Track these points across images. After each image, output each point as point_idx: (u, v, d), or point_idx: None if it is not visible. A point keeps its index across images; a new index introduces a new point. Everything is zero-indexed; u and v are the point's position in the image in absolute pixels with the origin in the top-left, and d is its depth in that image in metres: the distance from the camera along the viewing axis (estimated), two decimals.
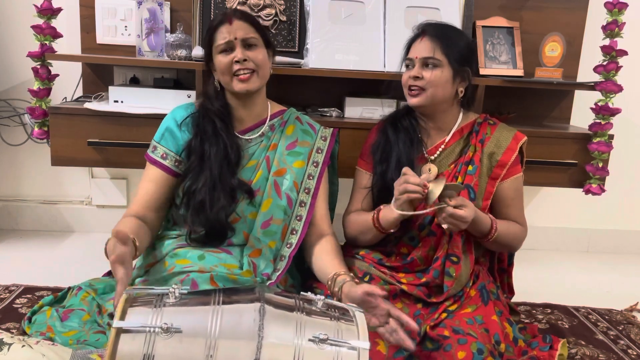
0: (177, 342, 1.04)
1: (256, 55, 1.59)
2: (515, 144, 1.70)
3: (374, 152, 1.73)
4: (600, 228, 2.87)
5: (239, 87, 1.58)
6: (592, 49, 2.31)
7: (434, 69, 1.62)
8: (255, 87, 1.60)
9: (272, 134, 1.69)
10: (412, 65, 1.66)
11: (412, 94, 1.65)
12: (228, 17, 1.59)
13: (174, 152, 1.62)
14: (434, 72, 1.62)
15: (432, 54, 1.62)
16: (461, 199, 1.52)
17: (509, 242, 1.69)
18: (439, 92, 1.64)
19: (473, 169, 1.65)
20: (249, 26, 1.60)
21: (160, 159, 1.61)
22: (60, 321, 1.62)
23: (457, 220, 1.50)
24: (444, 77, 1.63)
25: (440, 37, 1.64)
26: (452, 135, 1.71)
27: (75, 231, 2.72)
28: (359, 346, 1.10)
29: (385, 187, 1.66)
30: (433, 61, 1.62)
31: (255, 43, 1.60)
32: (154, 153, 1.63)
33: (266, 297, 1.13)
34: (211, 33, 1.60)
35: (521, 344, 1.62)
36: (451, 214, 1.49)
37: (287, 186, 1.64)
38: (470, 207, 1.52)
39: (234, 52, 1.57)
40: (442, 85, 1.64)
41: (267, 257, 1.59)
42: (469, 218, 1.50)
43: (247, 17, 1.62)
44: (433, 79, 1.62)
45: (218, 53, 1.59)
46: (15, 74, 2.52)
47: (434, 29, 1.67)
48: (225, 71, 1.58)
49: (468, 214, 1.49)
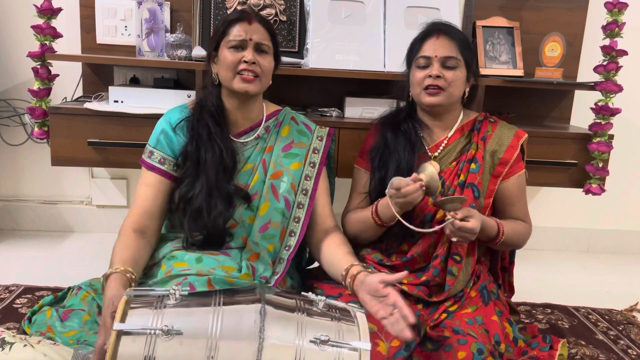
0: (178, 343, 1.03)
1: (265, 62, 1.58)
2: (516, 141, 1.70)
3: (373, 157, 1.72)
4: (600, 228, 2.87)
5: (239, 85, 1.56)
6: (592, 49, 2.32)
7: (454, 69, 1.62)
8: (255, 91, 1.58)
9: (268, 136, 1.67)
10: (428, 64, 1.63)
11: (431, 92, 1.63)
12: (248, 16, 1.58)
13: (172, 156, 1.59)
14: (454, 72, 1.62)
15: (454, 54, 1.62)
16: (466, 209, 1.51)
17: (515, 242, 1.69)
18: (456, 92, 1.64)
19: (476, 167, 1.65)
20: (266, 32, 1.59)
21: (158, 164, 1.59)
22: (60, 321, 1.61)
23: (465, 233, 1.50)
24: (462, 77, 1.64)
25: (456, 37, 1.64)
26: (454, 132, 1.71)
27: (75, 231, 2.72)
28: (360, 347, 1.10)
29: (383, 192, 1.65)
30: (454, 61, 1.62)
31: (267, 50, 1.59)
32: (150, 158, 1.60)
33: (267, 298, 1.13)
34: (226, 26, 1.58)
35: (521, 344, 1.62)
36: (459, 228, 1.48)
37: (284, 189, 1.62)
38: (477, 217, 1.51)
39: (244, 52, 1.55)
40: (459, 86, 1.64)
41: (266, 261, 1.58)
42: (477, 229, 1.50)
43: (266, 23, 1.61)
44: (454, 79, 1.62)
45: (228, 48, 1.56)
46: (15, 74, 2.52)
47: (449, 28, 1.66)
48: (230, 67, 1.56)
49: (475, 224, 1.49)
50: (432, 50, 1.63)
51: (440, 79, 1.61)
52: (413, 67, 1.68)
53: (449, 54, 1.62)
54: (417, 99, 1.68)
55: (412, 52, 1.70)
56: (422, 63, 1.65)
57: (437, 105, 1.64)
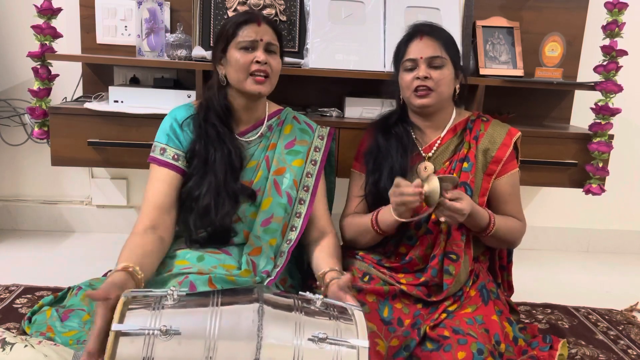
0: (176, 344, 1.04)
1: (274, 62, 1.60)
2: (509, 139, 1.70)
3: (367, 161, 1.72)
4: (600, 228, 2.87)
5: (253, 87, 1.57)
6: (592, 49, 2.31)
7: (440, 68, 1.62)
8: (267, 92, 1.61)
9: (271, 134, 1.69)
10: (415, 66, 1.64)
11: (421, 94, 1.63)
12: (257, 18, 1.60)
13: (183, 151, 1.60)
14: (441, 71, 1.62)
15: (439, 53, 1.62)
16: (457, 192, 1.52)
17: (508, 237, 1.68)
18: (446, 90, 1.65)
19: (468, 166, 1.66)
20: (274, 34, 1.61)
21: (172, 160, 1.58)
22: (60, 321, 1.62)
23: (454, 213, 1.50)
24: (450, 75, 1.64)
25: (439, 36, 1.65)
26: (446, 131, 1.71)
27: (75, 231, 2.72)
28: (359, 345, 1.10)
29: (378, 196, 1.66)
30: (440, 60, 1.62)
31: (275, 51, 1.61)
32: (163, 155, 1.59)
33: (265, 297, 1.13)
34: (235, 28, 1.58)
35: (521, 343, 1.62)
36: (448, 207, 1.49)
37: (287, 184, 1.65)
38: (467, 200, 1.52)
39: (255, 52, 1.56)
40: (448, 84, 1.65)
41: (268, 255, 1.59)
42: (465, 210, 1.50)
43: (274, 25, 1.63)
44: (442, 78, 1.62)
45: (238, 49, 1.57)
46: (15, 74, 2.52)
47: (431, 28, 1.67)
48: (242, 69, 1.56)
49: (464, 206, 1.49)
50: (417, 51, 1.64)
51: (428, 80, 1.61)
52: (401, 70, 1.68)
53: (434, 53, 1.62)
54: (408, 102, 1.69)
55: (398, 56, 1.70)
56: (408, 66, 1.65)
57: (428, 106, 1.65)
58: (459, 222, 1.55)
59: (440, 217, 1.52)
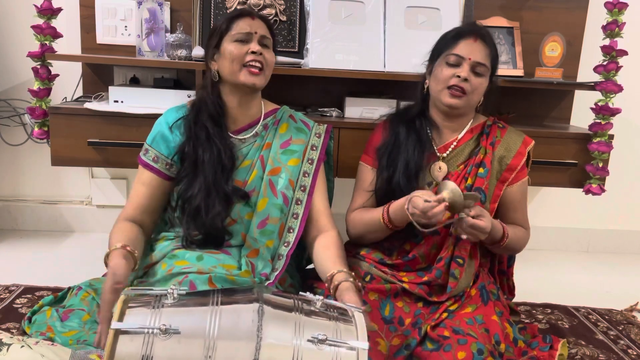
0: (175, 343, 1.04)
1: (268, 55, 1.61)
2: (524, 148, 1.69)
3: (381, 155, 1.69)
4: (600, 228, 2.87)
5: (247, 78, 1.57)
6: (592, 49, 2.31)
7: (481, 76, 1.60)
8: (261, 84, 1.60)
9: (266, 133, 1.68)
10: (459, 63, 1.59)
11: (454, 94, 1.59)
12: (250, 12, 1.62)
13: (165, 155, 1.60)
14: (481, 79, 1.60)
15: (485, 62, 1.60)
16: (479, 209, 1.51)
17: (514, 247, 1.69)
18: (476, 99, 1.63)
19: (484, 172, 1.64)
20: (267, 28, 1.63)
21: (151, 162, 1.60)
22: (60, 321, 1.62)
23: (476, 231, 1.49)
24: (485, 85, 1.62)
25: (491, 45, 1.62)
26: (463, 134, 1.70)
27: (75, 231, 2.72)
28: (358, 346, 1.10)
29: (390, 192, 1.63)
30: (483, 69, 1.60)
31: (269, 45, 1.62)
32: (145, 156, 1.62)
33: (265, 297, 1.13)
34: (229, 22, 1.60)
35: (521, 344, 1.62)
36: (471, 225, 1.48)
37: (282, 185, 1.63)
38: (488, 217, 1.51)
39: (249, 44, 1.57)
40: (480, 94, 1.63)
41: (265, 257, 1.58)
42: (488, 228, 1.50)
43: (266, 20, 1.66)
44: (479, 86, 1.60)
45: (232, 42, 1.58)
46: (15, 74, 2.52)
47: (487, 34, 1.63)
48: (236, 59, 1.56)
49: (487, 224, 1.49)
50: (467, 51, 1.59)
51: (466, 83, 1.58)
52: (441, 62, 1.63)
53: (482, 60, 1.59)
54: (437, 96, 1.64)
55: (443, 46, 1.64)
56: (452, 60, 1.60)
57: (456, 107, 1.62)
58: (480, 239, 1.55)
59: (462, 235, 1.51)
